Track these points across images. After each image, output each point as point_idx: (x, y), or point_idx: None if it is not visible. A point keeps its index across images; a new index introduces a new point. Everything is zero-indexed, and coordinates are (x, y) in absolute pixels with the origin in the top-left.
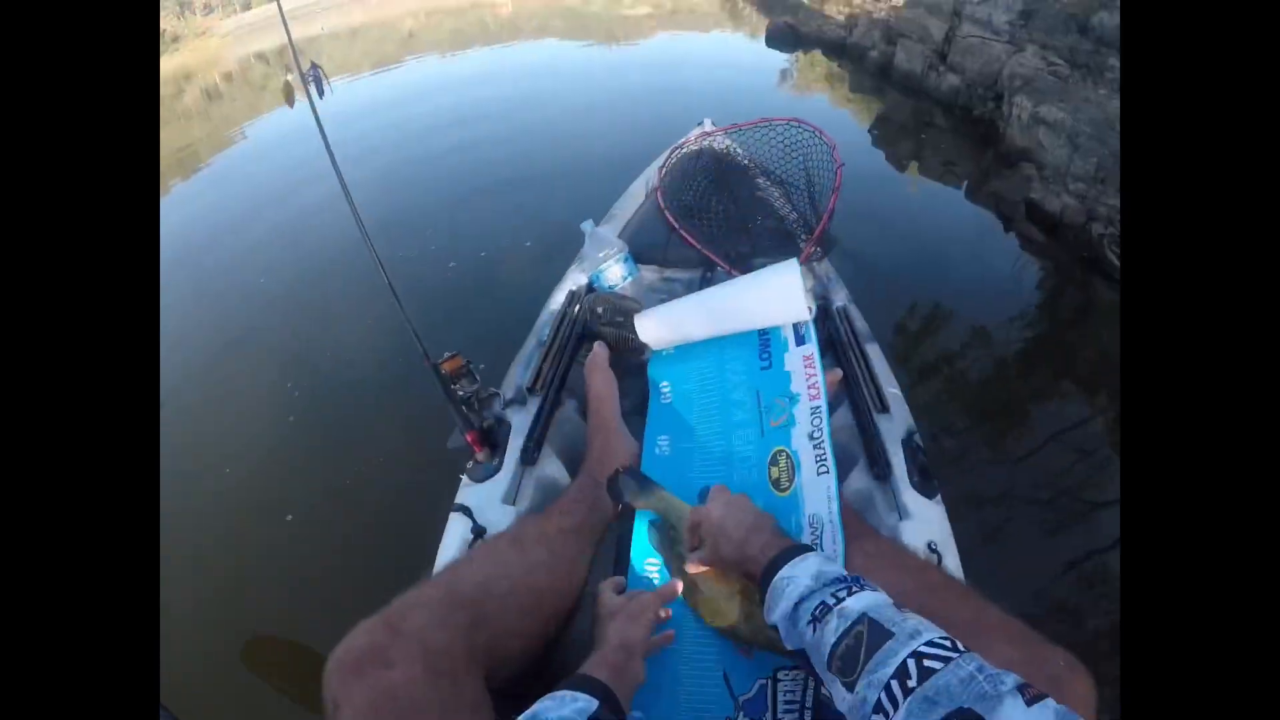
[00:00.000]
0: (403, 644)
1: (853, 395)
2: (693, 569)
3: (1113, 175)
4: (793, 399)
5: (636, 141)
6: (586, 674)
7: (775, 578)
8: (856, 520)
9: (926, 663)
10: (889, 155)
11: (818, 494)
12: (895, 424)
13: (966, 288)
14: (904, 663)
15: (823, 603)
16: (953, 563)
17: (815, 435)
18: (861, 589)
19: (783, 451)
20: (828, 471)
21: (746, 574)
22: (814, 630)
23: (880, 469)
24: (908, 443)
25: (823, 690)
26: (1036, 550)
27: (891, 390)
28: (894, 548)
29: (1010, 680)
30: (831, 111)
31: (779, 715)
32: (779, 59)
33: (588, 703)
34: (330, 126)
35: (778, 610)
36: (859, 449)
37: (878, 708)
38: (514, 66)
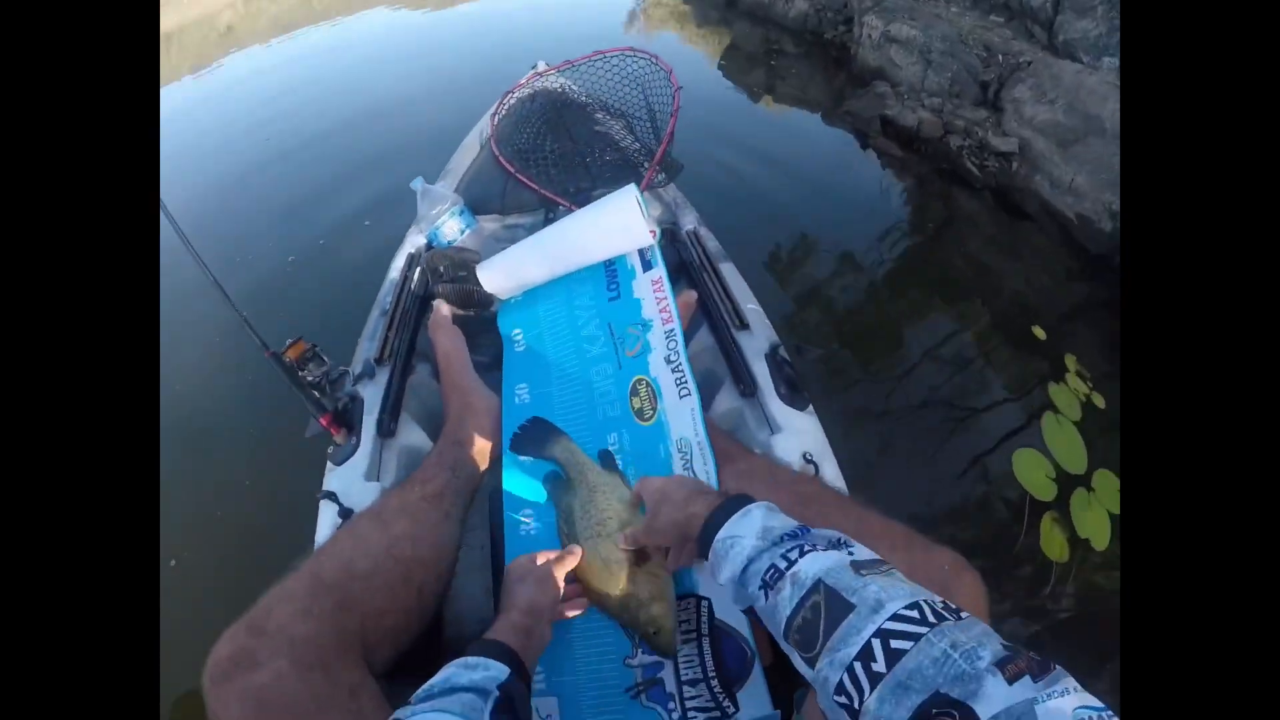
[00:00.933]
0: (267, 642)
1: (711, 315)
2: (623, 544)
3: (967, 89)
4: (645, 325)
5: (472, 97)
6: (494, 639)
7: (717, 538)
8: (727, 440)
9: (894, 643)
10: (741, 86)
11: (682, 418)
12: (757, 339)
13: (831, 213)
14: (868, 643)
15: (773, 566)
16: (831, 472)
17: (672, 359)
18: (814, 546)
19: (642, 380)
20: (689, 394)
21: (685, 537)
22: (766, 597)
23: (746, 385)
24: (771, 356)
25: (717, 619)
26: (925, 459)
27: (750, 306)
28: (766, 463)
29: (987, 654)
30: (680, 48)
31: (681, 673)
32: (625, 1)
33: (499, 670)
34: None
35: (724, 573)
36: (723, 369)
37: (840, 689)
38: (340, 44)
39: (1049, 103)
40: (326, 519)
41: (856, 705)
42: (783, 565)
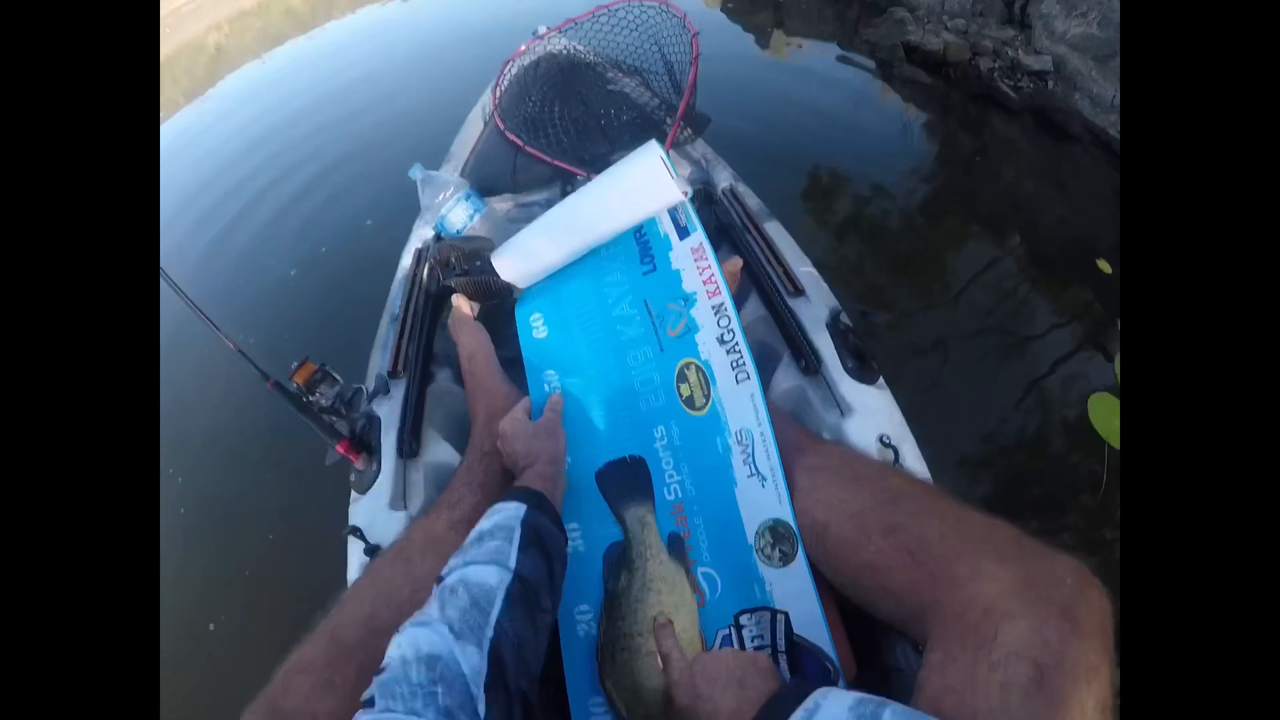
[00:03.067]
0: None
1: (760, 282)
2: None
3: (991, 7)
4: (688, 300)
5: (471, 75)
6: (525, 486)
7: None
8: (792, 429)
9: None
10: (749, 26)
11: (740, 405)
12: (815, 306)
13: (859, 148)
14: None
15: None
16: (911, 454)
17: (726, 338)
18: None
19: (690, 364)
20: (748, 377)
21: None
22: None
23: (808, 361)
24: (834, 326)
25: (795, 635)
26: (978, 392)
27: (804, 269)
28: (842, 455)
29: None
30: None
31: None
32: None
33: (517, 507)
34: None
35: None
36: (779, 343)
37: None
38: (331, 47)
39: (1080, 16)
40: (355, 559)
41: None
42: None
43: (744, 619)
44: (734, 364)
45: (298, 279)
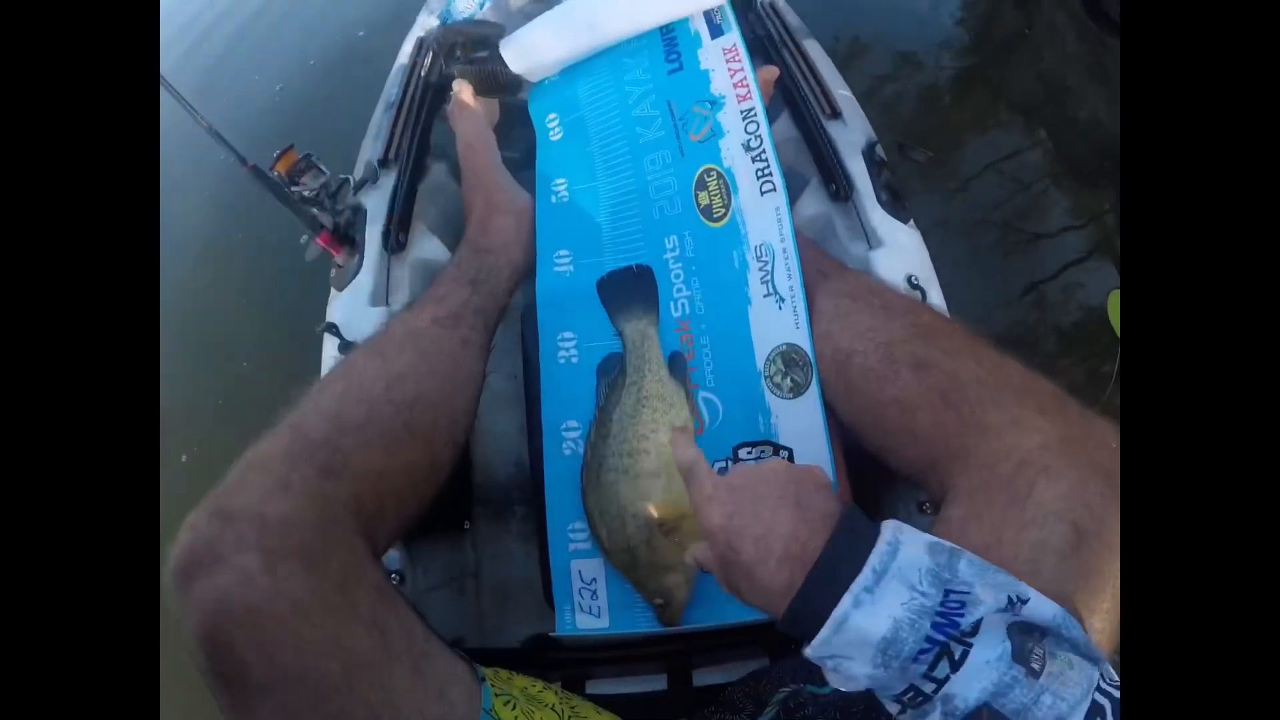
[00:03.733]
0: (233, 530)
1: (793, 101)
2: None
3: None
4: (715, 103)
5: None
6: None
7: (816, 649)
8: (816, 252)
9: None
10: None
11: (763, 218)
12: (852, 131)
13: (891, 8)
14: None
15: (913, 688)
16: (937, 301)
17: (753, 145)
18: (966, 646)
19: (712, 170)
20: (774, 189)
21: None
22: (902, 712)
23: (839, 186)
24: (869, 155)
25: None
26: (974, 285)
27: (842, 93)
28: (870, 284)
29: None
30: None
31: None
32: None
33: None
34: None
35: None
36: (807, 167)
37: None
38: None
39: None
40: (329, 358)
41: None
42: (930, 689)
43: (743, 452)
44: (759, 173)
45: (284, 95)
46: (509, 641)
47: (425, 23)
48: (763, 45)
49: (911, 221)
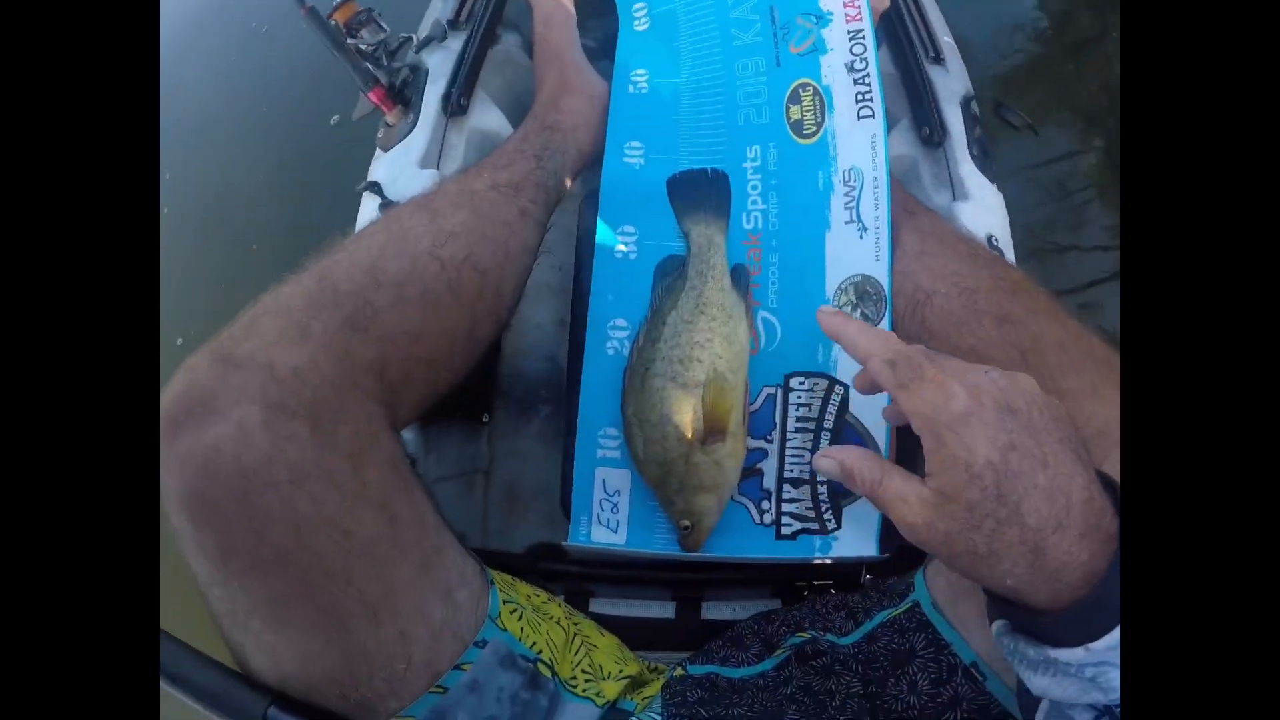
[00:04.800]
0: (236, 377)
1: (896, 38)
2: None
3: None
4: (822, 19)
5: None
6: None
7: (1101, 650)
8: (902, 192)
9: None
10: None
11: (857, 142)
12: (953, 80)
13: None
14: None
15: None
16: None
17: (858, 66)
18: None
19: (808, 85)
20: (872, 114)
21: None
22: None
23: (933, 129)
24: (965, 107)
25: (849, 414)
26: None
27: (947, 39)
28: (955, 231)
29: None
30: None
31: (788, 435)
32: None
33: None
34: None
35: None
36: (901, 107)
37: None
38: None
39: None
40: (366, 218)
41: None
42: None
43: (795, 382)
44: (860, 96)
45: None
46: (511, 547)
47: None
48: None
49: (997, 185)
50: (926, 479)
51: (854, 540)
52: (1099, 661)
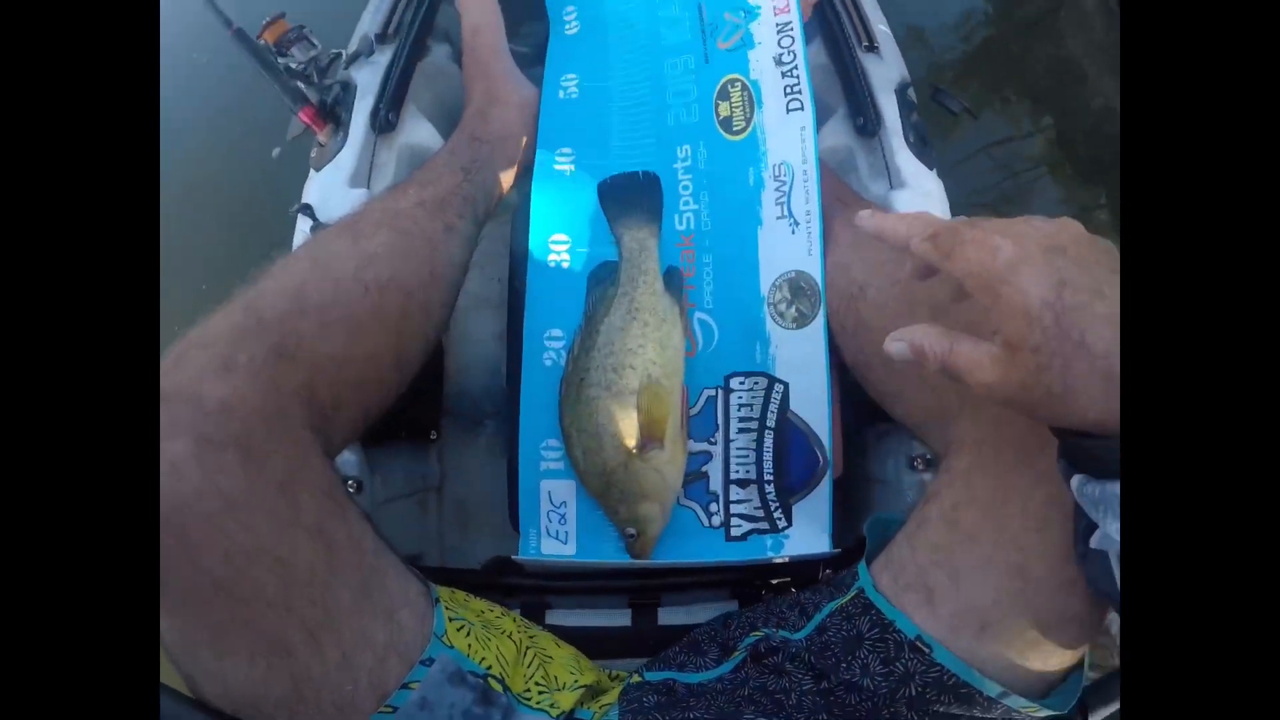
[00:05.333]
0: (165, 413)
1: (829, 26)
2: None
3: None
4: (750, 12)
5: None
6: None
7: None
8: (836, 182)
9: None
10: None
11: (786, 136)
12: (888, 68)
13: None
14: None
15: None
16: None
17: (785, 59)
18: None
19: (736, 81)
20: (801, 107)
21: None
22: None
23: (868, 119)
24: (902, 95)
25: (790, 411)
26: None
27: (882, 28)
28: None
29: None
30: None
31: (731, 436)
32: None
33: None
34: None
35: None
36: (836, 97)
37: None
38: None
39: None
40: (300, 241)
41: None
42: None
43: (735, 382)
44: (788, 89)
45: None
46: (468, 563)
47: None
48: None
49: (936, 170)
50: (993, 337)
51: (806, 537)
52: None
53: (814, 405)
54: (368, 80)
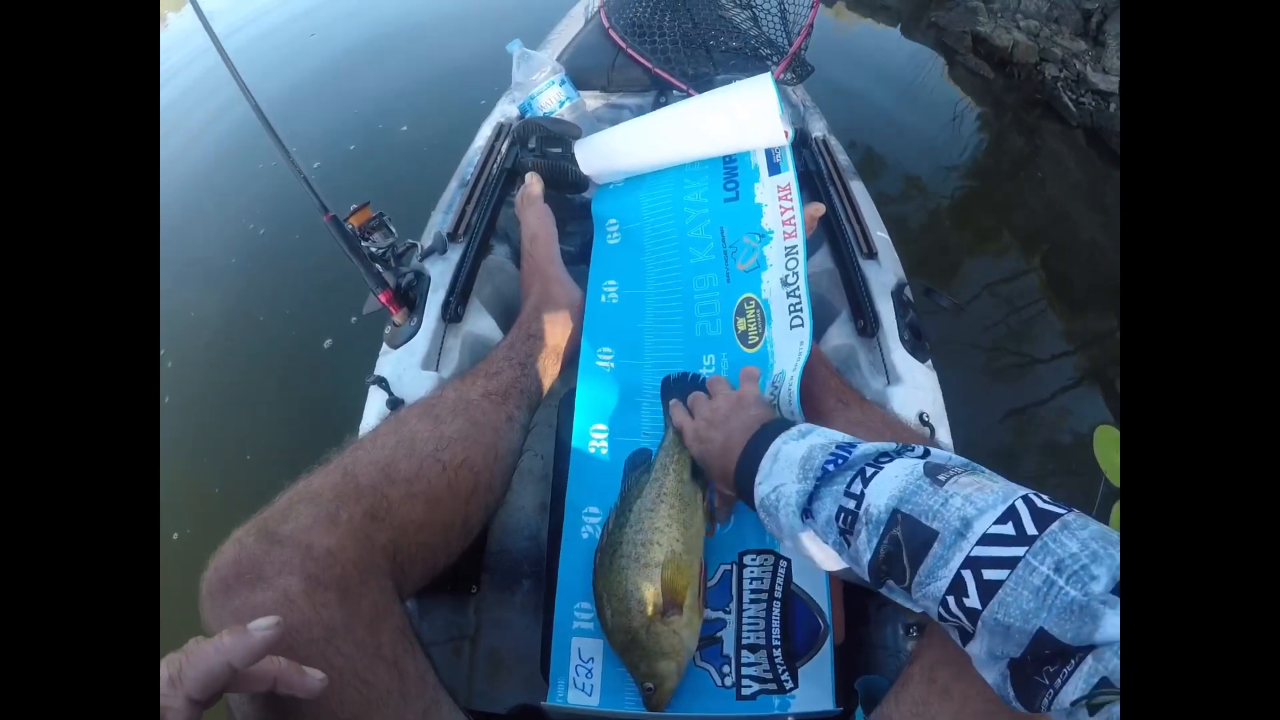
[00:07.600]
0: (279, 553)
1: (834, 237)
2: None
3: (1067, 16)
4: (764, 237)
5: None
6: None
7: (758, 496)
8: (839, 383)
9: (986, 573)
10: None
11: (787, 350)
12: (885, 273)
13: (903, 129)
14: (958, 575)
15: (842, 510)
16: (944, 438)
17: (789, 281)
18: (877, 467)
19: (750, 300)
20: (801, 324)
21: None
22: (848, 544)
23: (867, 322)
24: (898, 295)
25: (793, 584)
26: (971, 399)
27: (880, 234)
28: (886, 417)
29: (1104, 572)
30: None
31: (744, 605)
32: None
33: None
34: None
35: (784, 532)
36: (839, 299)
37: (942, 619)
38: None
39: None
40: (374, 409)
41: (971, 630)
42: (851, 505)
43: (748, 558)
44: (791, 308)
45: (357, 154)
46: (495, 708)
47: (504, 109)
48: (812, 180)
49: (929, 361)
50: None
51: (811, 697)
52: (770, 488)
53: (814, 579)
54: (441, 274)
